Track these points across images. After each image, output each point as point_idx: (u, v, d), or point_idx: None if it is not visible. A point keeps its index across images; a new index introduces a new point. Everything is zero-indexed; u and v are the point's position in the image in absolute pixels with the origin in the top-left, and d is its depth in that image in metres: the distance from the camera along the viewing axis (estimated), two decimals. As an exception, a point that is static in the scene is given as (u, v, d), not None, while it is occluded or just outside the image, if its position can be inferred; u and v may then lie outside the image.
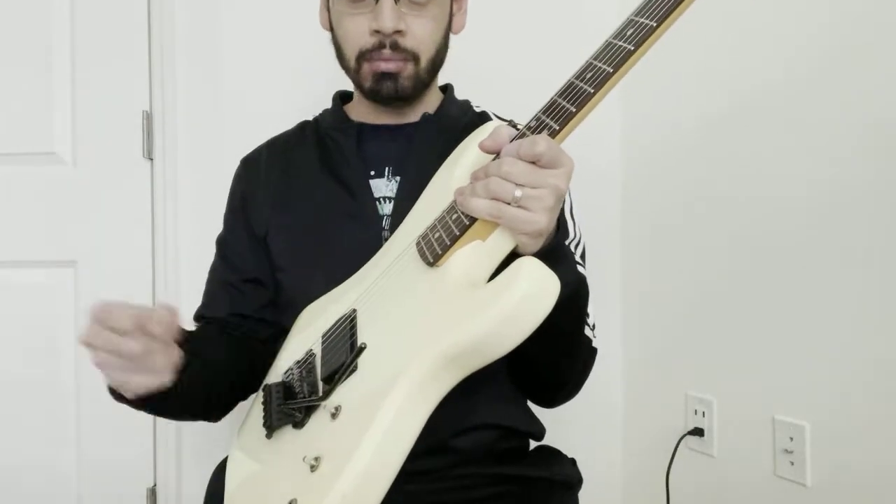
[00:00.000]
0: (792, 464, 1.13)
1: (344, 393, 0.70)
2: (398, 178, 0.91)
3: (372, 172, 0.93)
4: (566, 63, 0.73)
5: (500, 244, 0.68)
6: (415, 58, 0.89)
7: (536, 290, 0.63)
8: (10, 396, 1.47)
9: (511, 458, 0.90)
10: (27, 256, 1.48)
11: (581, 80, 0.67)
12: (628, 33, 0.66)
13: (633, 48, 0.66)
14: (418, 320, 0.69)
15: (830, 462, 1.09)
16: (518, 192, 0.64)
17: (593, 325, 0.88)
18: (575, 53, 0.73)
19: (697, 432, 1.31)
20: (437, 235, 0.71)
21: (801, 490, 1.12)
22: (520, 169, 0.65)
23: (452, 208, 0.71)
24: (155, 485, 1.48)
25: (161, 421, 1.46)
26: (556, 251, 0.71)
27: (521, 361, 0.82)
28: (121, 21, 1.47)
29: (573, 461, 0.96)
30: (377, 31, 0.86)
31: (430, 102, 0.97)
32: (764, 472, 1.18)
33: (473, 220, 0.68)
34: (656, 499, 1.35)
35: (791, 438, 1.13)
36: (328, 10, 0.94)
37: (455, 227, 0.69)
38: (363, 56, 0.89)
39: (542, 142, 0.64)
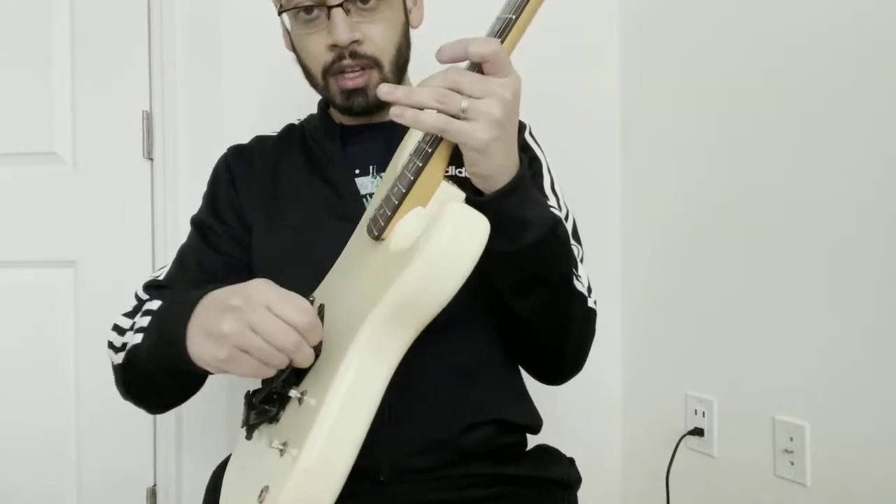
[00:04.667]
0: (792, 464, 1.13)
1: (310, 378, 0.71)
2: (382, 176, 0.92)
3: (357, 171, 0.94)
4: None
5: (440, 203, 0.68)
6: (377, 63, 0.89)
7: (459, 235, 0.62)
8: (10, 396, 1.48)
9: (510, 456, 0.90)
10: (27, 256, 1.49)
11: None
12: None
13: None
14: (362, 293, 0.69)
15: (830, 462, 1.09)
16: (465, 103, 0.64)
17: (589, 288, 0.88)
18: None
19: (697, 432, 1.31)
20: (381, 211, 0.72)
21: (801, 490, 1.12)
22: (467, 78, 0.64)
23: (393, 185, 0.71)
24: (155, 485, 1.48)
25: (161, 421, 1.46)
26: (521, 188, 0.70)
27: (516, 326, 0.83)
28: (121, 21, 1.47)
29: (572, 460, 0.96)
30: (334, 46, 0.87)
31: None
32: (764, 472, 1.18)
33: (411, 187, 0.68)
34: (656, 499, 1.35)
35: (791, 438, 1.13)
36: (289, 33, 0.94)
37: (394, 198, 0.70)
38: (328, 72, 0.90)
39: (495, 42, 0.64)
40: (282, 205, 0.95)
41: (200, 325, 0.68)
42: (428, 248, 0.62)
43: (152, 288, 0.90)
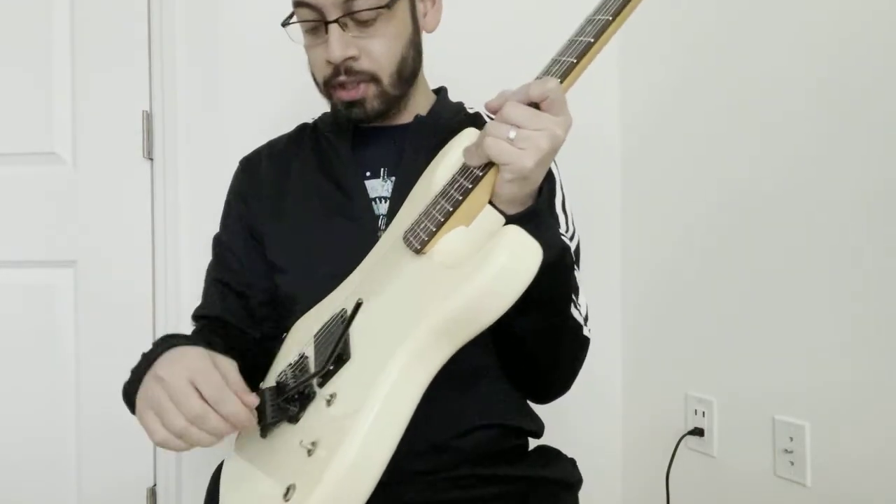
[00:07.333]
0: (792, 464, 1.13)
1: (338, 381, 0.72)
2: (393, 179, 0.92)
3: (367, 173, 0.94)
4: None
5: (483, 225, 0.72)
6: (373, 78, 0.89)
7: (517, 257, 0.66)
8: (10, 397, 1.48)
9: (511, 457, 0.90)
10: (27, 256, 1.49)
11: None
12: None
13: None
14: (406, 303, 0.71)
15: (830, 462, 1.09)
16: (512, 133, 0.67)
17: (586, 317, 0.88)
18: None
19: (697, 432, 1.31)
20: (422, 226, 0.74)
21: (801, 490, 1.12)
22: (519, 112, 0.68)
23: (436, 202, 0.73)
24: (155, 485, 1.48)
25: (161, 421, 1.46)
26: (539, 214, 0.73)
27: (510, 341, 0.83)
28: (121, 21, 1.47)
29: (573, 461, 0.96)
30: (330, 62, 0.87)
31: (422, 104, 0.98)
32: (764, 472, 1.18)
33: (458, 206, 0.71)
34: (656, 499, 1.35)
35: (791, 438, 1.13)
36: None
37: (439, 215, 0.72)
38: (328, 84, 0.91)
39: (553, 81, 0.68)
40: (290, 203, 0.95)
41: (143, 395, 0.78)
42: (489, 268, 0.64)
43: (197, 318, 1.00)
